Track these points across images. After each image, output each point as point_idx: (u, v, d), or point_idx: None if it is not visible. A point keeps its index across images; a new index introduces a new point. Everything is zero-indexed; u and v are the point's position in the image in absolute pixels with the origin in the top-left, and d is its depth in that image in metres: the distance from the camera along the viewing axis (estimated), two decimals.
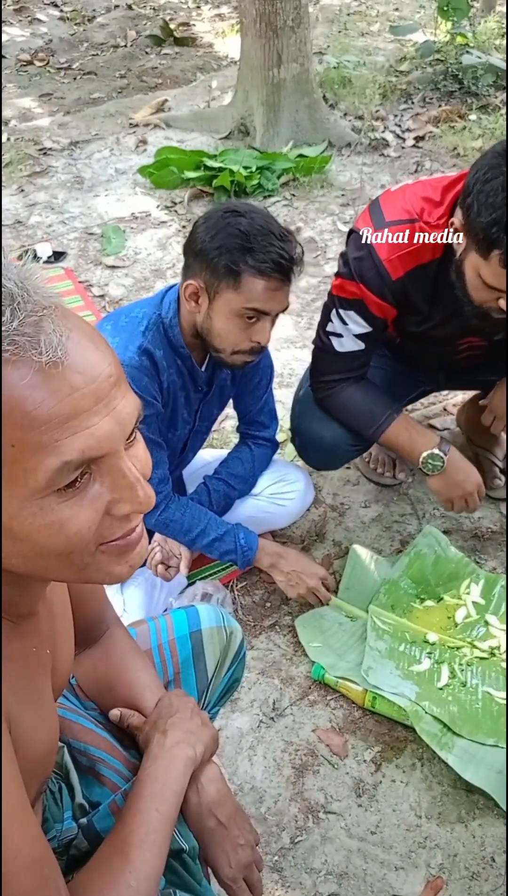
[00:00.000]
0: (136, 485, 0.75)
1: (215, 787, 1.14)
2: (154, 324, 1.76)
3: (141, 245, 3.95)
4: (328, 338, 1.96)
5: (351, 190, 4.33)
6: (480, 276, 1.62)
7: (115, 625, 1.26)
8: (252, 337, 1.72)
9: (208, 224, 1.67)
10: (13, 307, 0.68)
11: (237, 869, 1.13)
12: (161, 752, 1.07)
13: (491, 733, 1.81)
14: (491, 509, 2.44)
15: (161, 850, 0.97)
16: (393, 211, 1.79)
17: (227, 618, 1.39)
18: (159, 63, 6.59)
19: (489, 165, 1.53)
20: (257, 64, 4.53)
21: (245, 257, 1.62)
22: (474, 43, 5.47)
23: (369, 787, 1.79)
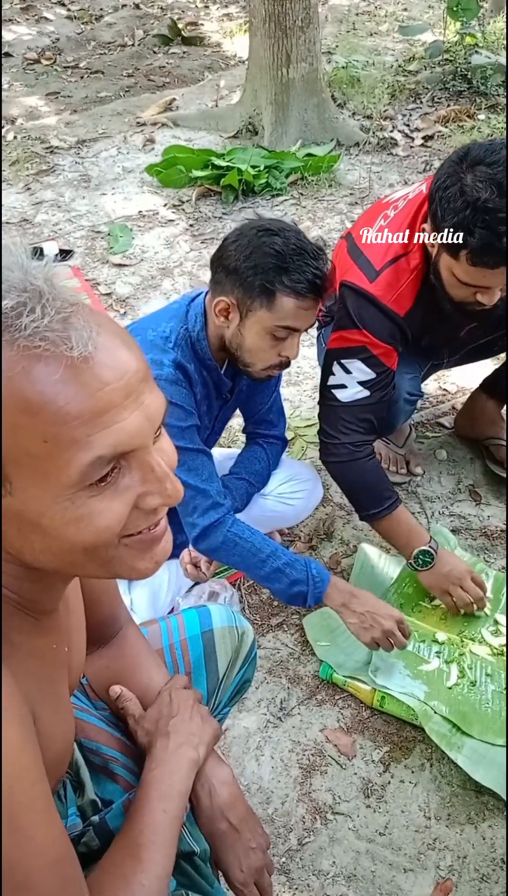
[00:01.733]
0: (165, 478, 0.76)
1: (227, 790, 1.14)
2: (183, 339, 1.76)
3: (148, 243, 3.94)
4: (330, 392, 1.98)
5: (359, 189, 4.32)
6: (454, 275, 1.72)
7: (128, 624, 1.26)
8: (282, 352, 1.73)
9: (241, 242, 1.67)
10: (42, 304, 0.68)
11: (248, 873, 1.12)
12: (166, 755, 1.07)
13: (501, 733, 1.79)
14: (500, 508, 2.42)
15: (170, 851, 0.97)
16: (380, 255, 1.88)
17: (238, 618, 1.38)
18: (167, 62, 6.60)
19: (447, 174, 1.64)
20: (265, 63, 4.53)
21: (281, 277, 1.62)
22: (483, 43, 5.47)
23: (377, 788, 1.77)
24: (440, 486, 2.51)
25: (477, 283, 1.70)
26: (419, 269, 1.85)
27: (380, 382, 1.93)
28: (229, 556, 1.79)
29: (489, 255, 1.61)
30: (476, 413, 2.53)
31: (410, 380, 2.14)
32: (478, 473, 2.54)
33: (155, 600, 2.01)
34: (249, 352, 1.73)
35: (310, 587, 1.77)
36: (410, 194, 1.93)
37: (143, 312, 3.40)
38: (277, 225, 1.68)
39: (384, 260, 1.86)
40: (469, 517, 2.40)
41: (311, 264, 1.63)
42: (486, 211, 1.56)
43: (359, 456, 1.98)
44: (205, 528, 1.75)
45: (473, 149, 1.63)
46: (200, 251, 3.86)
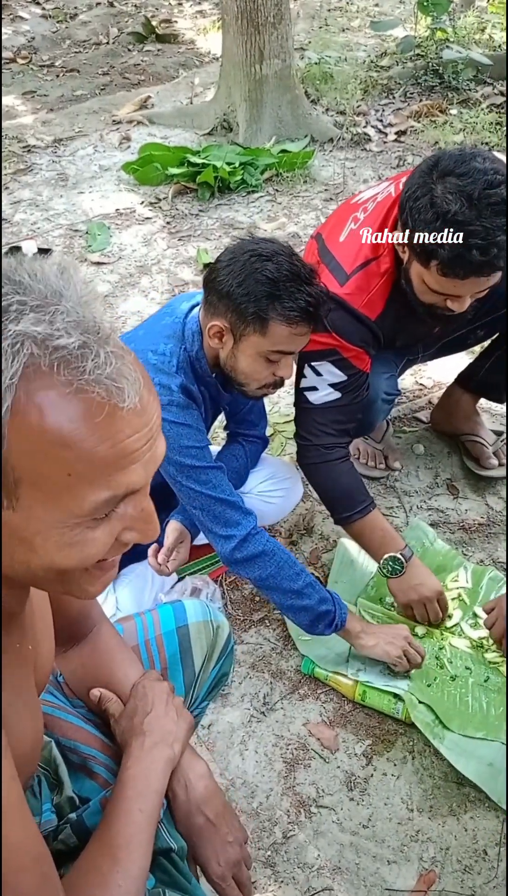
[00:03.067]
0: (149, 519, 0.80)
1: (203, 785, 1.15)
2: (184, 361, 1.77)
3: (126, 241, 3.94)
4: (302, 394, 1.99)
5: (334, 185, 4.33)
6: (425, 283, 1.73)
7: (101, 621, 1.26)
8: (276, 373, 1.75)
9: (234, 268, 1.67)
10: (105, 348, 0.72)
11: (226, 867, 1.13)
12: (141, 753, 1.07)
13: (481, 727, 1.81)
14: (478, 502, 2.44)
15: (147, 850, 0.98)
16: (350, 259, 1.89)
17: (214, 612, 1.39)
18: (142, 60, 6.57)
19: (417, 184, 1.66)
20: (239, 60, 4.53)
21: (274, 304, 1.63)
22: (454, 38, 5.49)
23: (360, 781, 1.79)
24: (418, 481, 2.53)
25: (448, 291, 1.71)
26: (389, 273, 1.87)
27: (351, 385, 1.94)
28: (265, 566, 1.75)
29: (459, 267, 1.62)
30: (452, 407, 2.55)
31: (387, 379, 2.15)
32: (455, 467, 2.56)
33: (139, 598, 2.02)
34: (243, 374, 1.75)
35: (337, 608, 1.78)
36: (379, 196, 1.93)
37: (122, 310, 3.40)
38: (269, 249, 1.68)
39: (354, 264, 1.87)
40: (447, 511, 2.42)
41: (304, 290, 1.64)
42: (456, 223, 1.57)
43: (330, 458, 1.99)
44: (243, 538, 1.75)
45: (443, 158, 1.63)
46: (177, 248, 3.87)
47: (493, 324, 2.21)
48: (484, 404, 2.60)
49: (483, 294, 1.75)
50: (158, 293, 3.52)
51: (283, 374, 1.75)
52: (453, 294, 1.72)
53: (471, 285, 1.68)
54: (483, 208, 1.56)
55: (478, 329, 2.20)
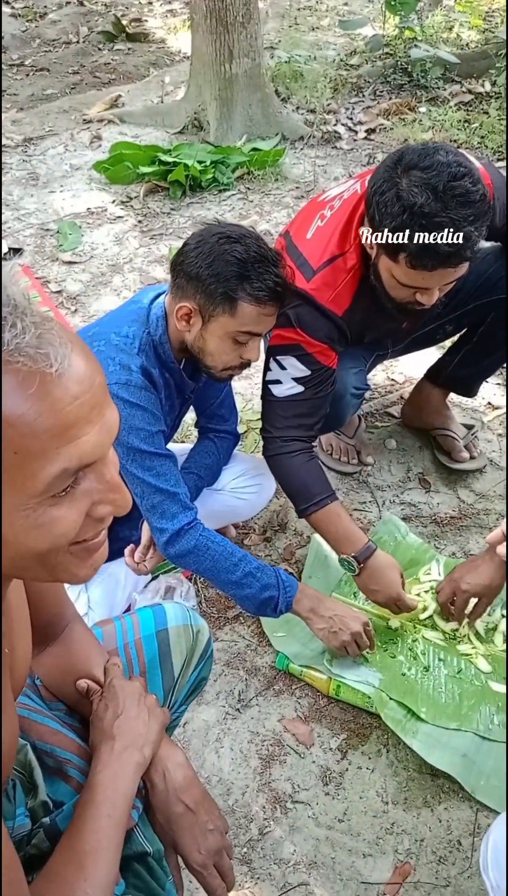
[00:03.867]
0: (117, 489, 0.79)
1: (182, 773, 1.14)
2: (146, 344, 1.77)
3: (97, 240, 3.92)
4: (266, 387, 2.00)
5: (305, 183, 4.34)
6: (394, 277, 1.74)
7: (74, 620, 1.25)
8: (243, 355, 1.76)
9: (203, 250, 1.68)
10: (22, 318, 0.70)
11: (207, 855, 1.12)
12: (111, 757, 1.06)
13: (454, 717, 1.82)
14: (450, 495, 2.46)
15: (114, 856, 0.97)
16: (317, 255, 1.89)
17: (194, 616, 1.38)
18: (112, 59, 6.55)
19: (383, 178, 1.67)
20: (208, 59, 4.53)
21: (243, 285, 1.65)
22: (422, 37, 5.51)
23: (335, 776, 1.79)
24: (391, 475, 2.54)
25: (417, 284, 1.72)
26: (356, 269, 1.87)
27: (315, 379, 1.94)
28: (200, 561, 1.77)
29: (427, 258, 1.63)
30: (422, 402, 2.56)
31: (355, 374, 2.16)
32: (427, 461, 2.58)
33: (112, 597, 2.01)
34: (211, 355, 1.76)
35: (281, 592, 1.78)
36: (345, 193, 1.94)
37: (94, 310, 3.39)
38: (237, 232, 1.70)
39: (321, 260, 1.88)
40: (419, 505, 2.43)
41: (272, 271, 1.67)
42: (423, 215, 1.58)
43: (288, 451, 1.98)
44: (175, 533, 1.75)
45: (407, 153, 1.65)
46: (149, 247, 3.86)
47: (461, 319, 2.22)
48: (455, 399, 2.62)
49: (450, 287, 1.76)
50: (130, 292, 3.51)
51: (250, 357, 1.77)
52: (422, 287, 1.72)
53: (440, 277, 1.69)
54: (449, 200, 1.57)
55: (447, 324, 2.22)
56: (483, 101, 4.95)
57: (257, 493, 2.21)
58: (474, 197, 1.58)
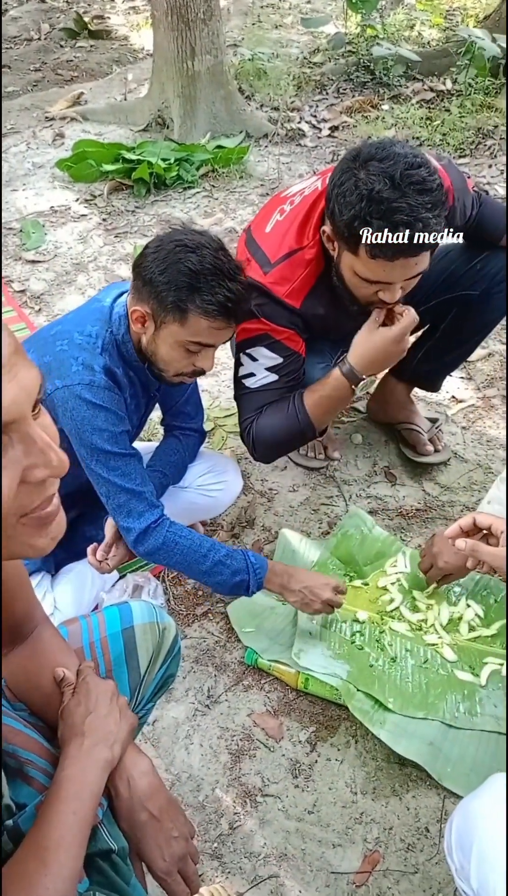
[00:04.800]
0: (48, 449, 0.76)
1: (146, 781, 1.13)
2: (109, 343, 1.76)
3: (61, 239, 3.90)
4: (240, 382, 2.01)
5: (270, 180, 4.35)
6: (357, 274, 1.75)
7: (43, 623, 1.24)
8: (196, 363, 1.75)
9: (159, 256, 1.67)
10: None
11: (171, 862, 1.11)
12: (80, 754, 1.06)
13: (421, 707, 1.84)
14: (415, 488, 2.48)
15: (78, 853, 0.96)
16: (274, 248, 1.90)
17: (160, 613, 1.37)
18: (74, 56, 6.52)
19: (341, 171, 1.69)
20: (171, 56, 4.52)
21: (193, 296, 1.63)
22: (383, 35, 5.56)
23: (305, 768, 1.80)
24: (357, 470, 2.55)
25: (378, 278, 1.72)
26: (314, 264, 1.88)
27: (287, 367, 1.95)
28: (169, 557, 1.79)
29: (387, 246, 1.64)
30: (387, 397, 2.58)
31: (322, 369, 2.16)
32: (393, 455, 2.60)
33: (79, 597, 2.00)
34: (162, 360, 1.75)
35: (251, 574, 1.82)
36: (306, 190, 1.95)
37: (58, 308, 3.37)
38: (197, 240, 1.68)
39: (278, 253, 1.89)
40: (385, 498, 2.45)
41: (224, 285, 1.64)
42: (381, 201, 1.60)
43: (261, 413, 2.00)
44: (143, 531, 1.76)
45: (364, 148, 1.67)
46: (113, 245, 3.84)
47: (424, 315, 2.24)
48: (419, 393, 2.64)
49: (412, 284, 1.77)
50: (94, 290, 3.49)
51: (203, 366, 1.76)
52: (384, 281, 1.73)
53: (401, 269, 1.69)
54: (406, 187, 1.59)
55: None
56: (445, 98, 5.00)
57: (224, 491, 2.22)
58: (431, 185, 1.61)
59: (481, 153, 4.52)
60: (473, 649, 1.97)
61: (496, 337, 3.08)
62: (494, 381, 2.91)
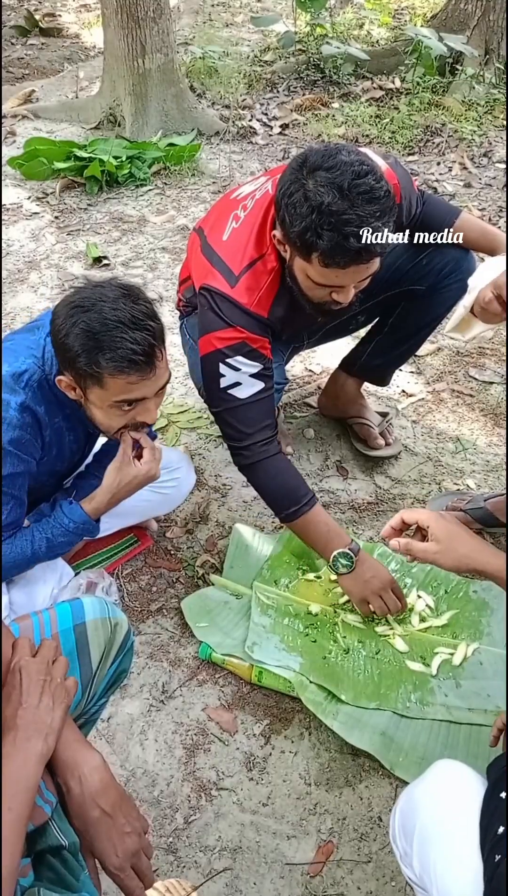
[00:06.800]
0: None
1: (98, 776, 1.13)
2: (36, 381, 1.69)
3: (14, 237, 3.87)
4: (225, 394, 1.95)
5: (222, 178, 4.36)
6: (309, 278, 1.76)
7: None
8: (138, 418, 1.68)
9: (58, 321, 1.60)
10: None
11: (124, 857, 1.11)
12: (12, 749, 1.05)
13: (373, 697, 1.86)
14: (367, 481, 2.50)
15: (15, 850, 0.95)
16: (236, 260, 1.90)
17: (112, 609, 1.37)
18: (26, 53, 6.46)
19: (289, 181, 1.69)
20: (121, 54, 4.51)
21: (97, 358, 1.55)
22: (333, 34, 5.59)
23: (259, 761, 1.81)
24: (310, 464, 2.57)
25: (331, 283, 1.74)
26: (275, 270, 1.88)
27: (266, 373, 1.95)
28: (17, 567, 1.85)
29: (339, 256, 1.65)
30: (338, 392, 2.60)
31: (276, 369, 2.16)
32: (345, 449, 2.62)
33: (33, 597, 1.98)
34: (102, 425, 1.70)
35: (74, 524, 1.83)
36: (257, 193, 1.95)
37: (10, 307, 3.34)
38: (95, 296, 1.59)
39: (241, 265, 1.88)
40: (337, 492, 2.47)
41: (127, 337, 1.54)
42: (331, 214, 1.60)
43: (270, 454, 1.98)
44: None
45: (310, 155, 1.67)
46: (66, 243, 3.82)
47: (373, 309, 2.27)
48: (369, 388, 2.67)
49: (365, 283, 1.79)
50: (47, 288, 3.47)
51: (145, 419, 1.70)
52: (337, 285, 1.74)
53: (353, 274, 1.71)
54: (355, 197, 1.60)
55: (359, 315, 2.26)
56: (394, 96, 5.05)
57: (177, 487, 2.22)
58: (378, 193, 1.62)
59: (429, 150, 4.58)
60: (424, 639, 2.00)
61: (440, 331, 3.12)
62: (443, 375, 2.95)
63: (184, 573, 2.22)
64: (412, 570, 2.15)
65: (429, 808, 1.10)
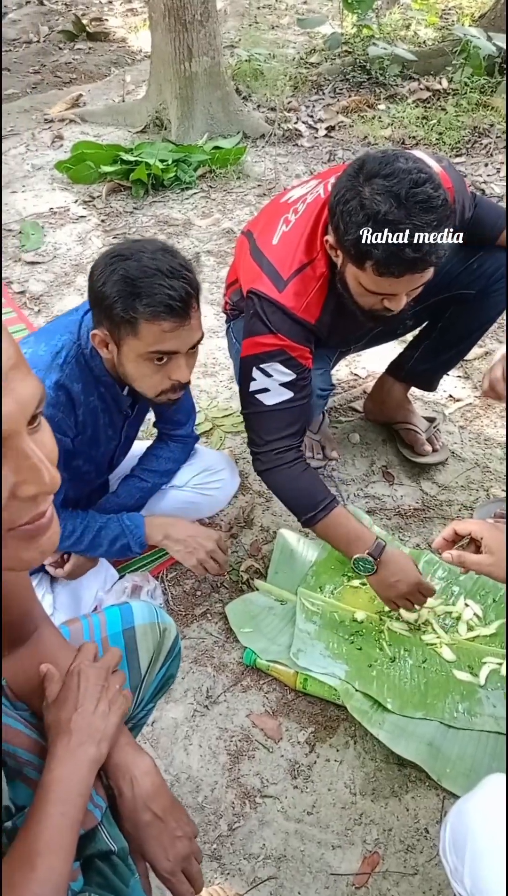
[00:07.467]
0: (40, 466, 0.74)
1: (149, 780, 1.13)
2: (73, 356, 1.71)
3: (60, 240, 3.90)
4: (254, 398, 1.96)
5: (267, 181, 4.35)
6: (361, 285, 1.74)
7: (43, 623, 1.23)
8: (170, 375, 1.68)
9: (97, 271, 1.62)
10: None
11: (175, 862, 1.11)
12: (66, 753, 1.04)
13: (420, 707, 1.84)
14: (413, 487, 2.48)
15: (67, 856, 0.95)
16: (286, 264, 1.89)
17: (161, 614, 1.36)
18: (73, 58, 6.52)
19: (345, 188, 1.67)
20: (168, 58, 4.52)
21: (134, 303, 1.56)
22: (379, 34, 5.56)
23: (304, 769, 1.80)
24: (355, 469, 2.55)
25: (384, 290, 1.72)
26: (324, 276, 1.87)
27: (300, 382, 1.93)
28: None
29: (394, 265, 1.63)
30: (384, 397, 2.58)
31: (320, 375, 2.15)
32: (390, 455, 2.60)
33: (77, 597, 2.00)
34: (136, 381, 1.69)
35: (129, 537, 1.92)
36: (308, 196, 1.93)
37: (57, 310, 3.37)
38: (134, 248, 1.61)
39: (290, 269, 1.87)
40: (383, 498, 2.45)
41: (164, 284, 1.56)
42: (387, 223, 1.59)
43: (286, 461, 1.97)
44: None
45: (368, 161, 1.65)
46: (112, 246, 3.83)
47: (422, 314, 2.24)
48: (416, 392, 2.64)
49: (417, 292, 1.77)
50: None
51: (179, 377, 1.68)
52: (390, 293, 1.73)
53: (407, 282, 1.69)
54: (412, 206, 1.58)
55: (407, 319, 2.23)
56: (441, 97, 5.00)
57: (221, 489, 2.22)
58: (436, 202, 1.59)
59: (477, 152, 4.52)
60: (472, 649, 1.97)
61: (493, 336, 3.08)
62: None
63: (228, 578, 2.21)
64: (459, 579, 2.13)
65: (482, 823, 1.08)
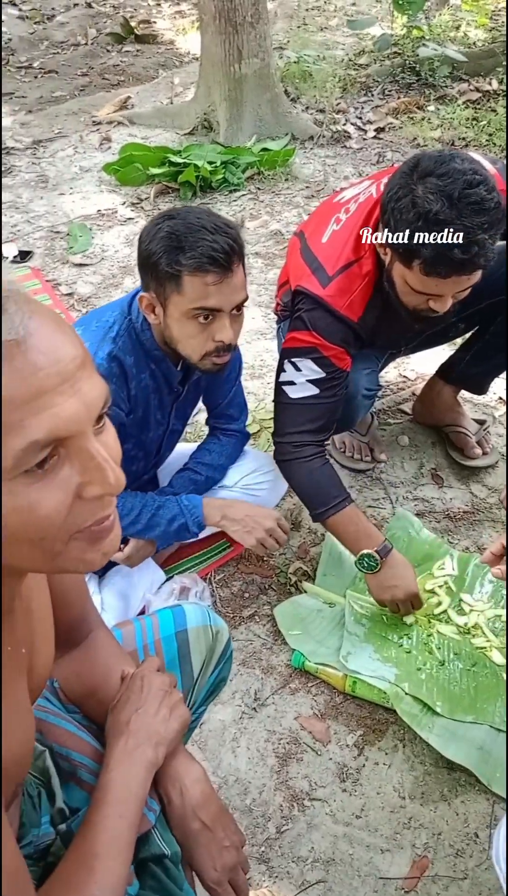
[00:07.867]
0: (105, 466, 0.73)
1: (199, 789, 1.12)
2: (125, 330, 1.75)
3: (108, 242, 3.93)
4: (281, 388, 2.00)
5: (315, 182, 4.34)
6: (408, 284, 1.75)
7: (98, 627, 1.23)
8: (214, 336, 1.68)
9: (144, 233, 1.66)
10: None
11: (222, 872, 1.10)
12: (124, 756, 1.04)
13: (470, 710, 1.83)
14: (463, 490, 2.46)
15: (125, 858, 0.95)
16: (332, 261, 1.90)
17: (213, 617, 1.36)
18: (121, 60, 6.57)
19: (398, 185, 1.68)
20: (217, 60, 4.54)
21: (178, 257, 1.59)
22: (429, 35, 5.52)
23: (352, 772, 1.79)
24: (404, 472, 2.54)
25: (430, 291, 1.72)
26: (371, 275, 1.88)
27: (329, 382, 1.94)
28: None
29: (441, 266, 1.63)
30: (433, 399, 2.56)
31: (367, 375, 2.15)
32: (440, 457, 2.58)
33: (126, 599, 2.02)
34: (180, 342, 1.71)
35: (187, 517, 1.94)
36: (360, 196, 1.94)
37: None
38: (179, 211, 1.66)
39: (336, 266, 1.88)
40: (432, 500, 2.44)
41: (207, 238, 1.59)
42: (437, 222, 1.59)
43: (301, 456, 1.99)
44: None
45: (423, 159, 1.65)
46: None
47: (473, 317, 2.22)
48: (466, 394, 2.62)
49: (464, 294, 1.76)
50: None
51: (222, 337, 1.68)
52: (435, 293, 1.73)
53: (453, 284, 1.69)
54: (464, 207, 1.58)
55: (459, 322, 2.22)
56: (491, 98, 4.95)
57: (270, 490, 2.22)
58: (489, 205, 1.59)
59: None
60: None
61: None
62: None
63: (276, 580, 2.22)
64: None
65: None
